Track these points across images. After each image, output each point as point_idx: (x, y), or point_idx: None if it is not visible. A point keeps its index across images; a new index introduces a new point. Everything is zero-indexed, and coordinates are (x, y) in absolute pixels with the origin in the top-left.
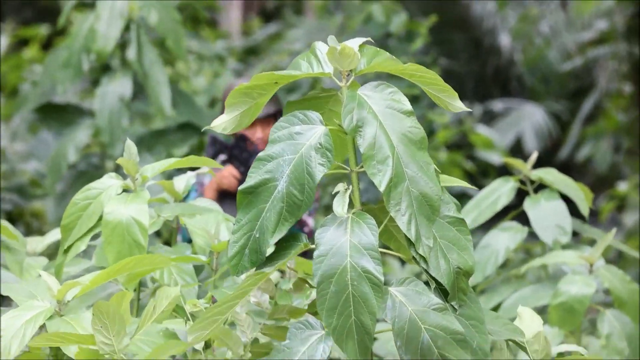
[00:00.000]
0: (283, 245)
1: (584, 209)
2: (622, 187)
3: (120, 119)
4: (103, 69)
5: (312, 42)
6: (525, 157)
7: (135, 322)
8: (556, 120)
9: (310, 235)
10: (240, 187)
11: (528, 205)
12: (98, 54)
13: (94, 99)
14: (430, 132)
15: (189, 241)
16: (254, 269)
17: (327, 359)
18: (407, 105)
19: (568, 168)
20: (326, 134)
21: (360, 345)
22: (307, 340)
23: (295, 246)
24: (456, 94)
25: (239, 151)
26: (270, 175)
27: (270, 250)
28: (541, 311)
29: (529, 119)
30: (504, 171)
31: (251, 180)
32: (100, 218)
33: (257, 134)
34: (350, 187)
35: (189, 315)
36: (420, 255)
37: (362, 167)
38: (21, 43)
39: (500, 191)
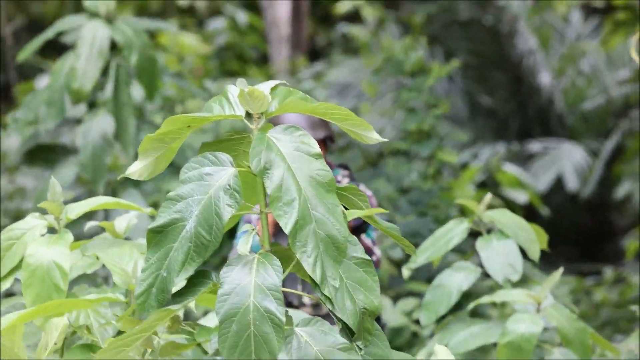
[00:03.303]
0: (193, 282)
1: (534, 252)
2: None
3: (103, 156)
4: (89, 105)
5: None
6: (566, 196)
7: None
8: (596, 157)
9: (378, 265)
10: (150, 226)
11: (480, 245)
12: (76, 93)
13: (77, 136)
14: (438, 172)
15: None
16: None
17: None
18: (316, 149)
19: (605, 206)
20: (235, 176)
21: None
22: None
23: (205, 284)
24: (370, 126)
25: None
26: (179, 215)
27: (180, 286)
28: (492, 349)
29: (568, 158)
30: (530, 210)
31: (161, 219)
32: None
33: None
34: (257, 227)
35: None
36: (326, 296)
37: None
38: None
39: (454, 231)
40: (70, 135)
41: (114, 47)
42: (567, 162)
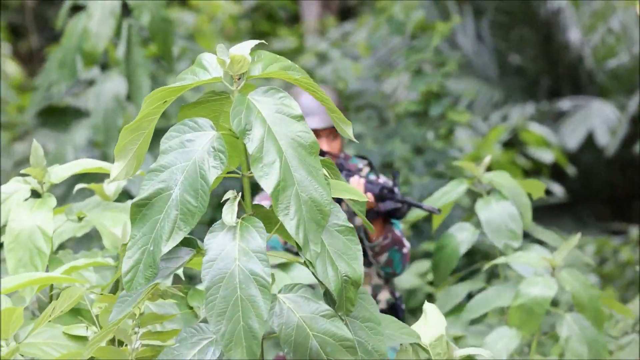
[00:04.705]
0: (177, 250)
1: (527, 219)
2: None
3: (115, 118)
4: (101, 67)
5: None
6: (597, 155)
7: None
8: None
9: (408, 257)
10: (134, 200)
11: (479, 207)
12: (89, 54)
13: (90, 98)
14: (450, 132)
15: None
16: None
17: None
18: (297, 110)
19: (637, 164)
20: (219, 137)
21: (249, 351)
22: (197, 344)
23: (189, 253)
24: (345, 120)
25: None
26: (164, 185)
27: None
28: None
29: (598, 115)
30: (557, 169)
31: (144, 192)
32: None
33: (322, 147)
34: (240, 193)
35: (94, 319)
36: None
37: None
38: None
39: (453, 193)
40: (84, 97)
41: (126, 8)
42: (598, 118)
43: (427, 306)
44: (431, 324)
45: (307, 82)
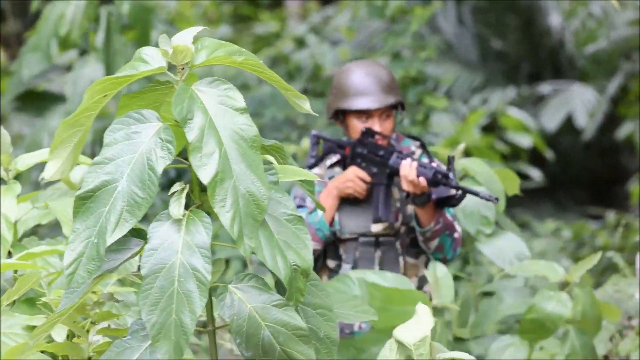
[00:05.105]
0: (122, 241)
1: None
2: None
3: None
4: (80, 53)
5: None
6: (576, 140)
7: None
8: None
9: (459, 242)
10: (77, 193)
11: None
12: (64, 40)
13: (67, 83)
14: (426, 117)
15: None
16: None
17: None
18: (241, 103)
19: (617, 149)
20: (166, 128)
21: (176, 346)
22: (148, 337)
23: (139, 244)
24: (299, 94)
25: (366, 148)
26: (110, 177)
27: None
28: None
29: (579, 98)
30: (536, 154)
31: (88, 184)
32: None
33: (374, 128)
34: (188, 185)
35: (53, 307)
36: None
37: None
38: None
39: None
40: (61, 83)
41: None
42: (578, 101)
43: (420, 307)
44: (420, 324)
45: (252, 64)
